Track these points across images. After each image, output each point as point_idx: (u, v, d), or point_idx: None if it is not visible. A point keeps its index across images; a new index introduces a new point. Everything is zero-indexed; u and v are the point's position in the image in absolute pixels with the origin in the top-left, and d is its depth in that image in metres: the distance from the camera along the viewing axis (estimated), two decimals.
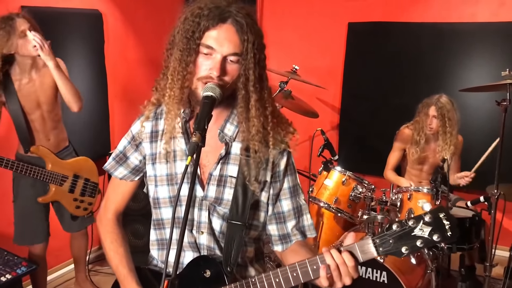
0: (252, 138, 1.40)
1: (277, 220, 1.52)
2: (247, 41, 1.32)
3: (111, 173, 1.59)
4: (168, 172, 1.48)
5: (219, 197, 1.46)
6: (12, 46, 2.64)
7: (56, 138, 2.99)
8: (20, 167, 2.73)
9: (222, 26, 1.32)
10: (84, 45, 3.73)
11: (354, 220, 3.23)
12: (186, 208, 1.20)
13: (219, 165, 1.46)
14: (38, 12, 3.23)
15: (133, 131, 1.54)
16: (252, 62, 1.34)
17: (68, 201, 3.02)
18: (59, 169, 2.94)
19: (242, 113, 1.40)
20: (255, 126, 1.39)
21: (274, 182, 1.49)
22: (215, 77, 1.32)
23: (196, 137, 1.22)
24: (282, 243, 1.53)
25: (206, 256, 1.48)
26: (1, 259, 2.64)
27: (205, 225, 1.47)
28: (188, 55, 1.35)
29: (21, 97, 2.78)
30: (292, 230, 1.51)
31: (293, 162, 1.53)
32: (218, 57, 1.32)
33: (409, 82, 4.31)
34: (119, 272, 1.51)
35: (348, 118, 4.66)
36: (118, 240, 1.58)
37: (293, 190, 1.52)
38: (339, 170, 3.26)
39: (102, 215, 1.64)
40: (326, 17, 4.60)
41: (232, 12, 1.33)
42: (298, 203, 1.53)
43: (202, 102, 1.30)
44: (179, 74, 1.37)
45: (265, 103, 1.41)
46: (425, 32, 4.22)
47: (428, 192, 3.05)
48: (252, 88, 1.36)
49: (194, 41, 1.33)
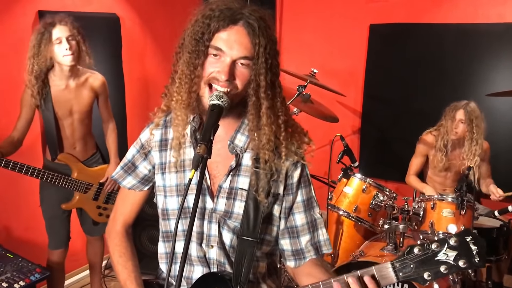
0: (262, 147, 1.33)
1: (290, 235, 1.44)
2: (258, 45, 1.25)
3: (119, 183, 1.55)
4: (178, 183, 1.42)
5: (229, 210, 1.39)
6: (48, 51, 2.64)
7: (83, 147, 2.98)
8: (45, 175, 2.73)
9: (232, 27, 1.26)
10: (101, 49, 3.70)
11: (375, 229, 3.12)
12: (191, 221, 1.13)
13: (229, 177, 1.39)
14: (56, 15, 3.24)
15: (142, 139, 1.49)
16: (264, 67, 1.26)
17: (91, 208, 3.02)
18: (84, 177, 2.94)
19: (253, 121, 1.33)
20: (266, 134, 1.32)
21: (287, 194, 1.41)
22: (223, 81, 1.25)
23: (201, 148, 1.15)
24: (295, 259, 1.45)
25: (215, 273, 1.41)
26: (15, 265, 2.62)
27: (215, 239, 1.40)
28: (197, 58, 1.28)
29: (56, 102, 2.78)
30: (306, 246, 1.43)
31: (307, 174, 1.45)
32: (227, 60, 1.26)
33: (432, 86, 4.18)
34: (127, 287, 1.46)
35: (370, 122, 4.55)
36: (127, 254, 1.53)
37: (307, 203, 1.44)
38: (359, 178, 3.15)
39: (111, 227, 1.59)
40: (347, 19, 4.49)
41: (244, 14, 1.26)
42: (312, 217, 1.45)
43: (208, 111, 1.24)
44: (187, 78, 1.31)
45: (277, 111, 1.33)
46: (449, 33, 4.08)
47: (453, 201, 2.91)
48: (263, 94, 1.29)
49: (203, 43, 1.27)
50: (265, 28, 1.27)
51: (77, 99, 2.86)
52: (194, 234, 1.41)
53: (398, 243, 2.83)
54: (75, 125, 2.90)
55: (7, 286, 2.43)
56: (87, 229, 3.18)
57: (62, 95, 2.80)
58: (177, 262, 1.48)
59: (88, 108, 2.94)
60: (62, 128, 2.87)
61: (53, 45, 2.64)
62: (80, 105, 2.88)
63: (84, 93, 2.88)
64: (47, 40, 2.62)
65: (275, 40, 1.32)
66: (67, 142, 2.90)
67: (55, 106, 2.79)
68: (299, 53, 4.39)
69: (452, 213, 2.89)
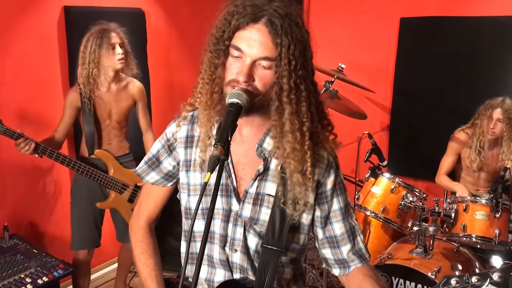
0: (287, 156, 1.24)
1: (330, 245, 1.38)
2: (281, 45, 1.15)
3: (142, 178, 1.50)
4: (202, 182, 1.36)
5: (255, 217, 1.32)
6: (100, 55, 2.74)
7: (117, 144, 3.03)
8: (82, 167, 2.75)
9: (253, 26, 1.17)
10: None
11: (403, 230, 3.01)
12: (207, 224, 1.06)
13: (256, 182, 1.32)
14: (81, 12, 3.24)
15: (168, 133, 1.43)
16: (287, 70, 1.16)
17: (126, 210, 3.00)
18: (120, 177, 2.95)
19: (276, 128, 1.24)
20: (290, 142, 1.23)
21: (321, 203, 1.34)
22: (241, 82, 1.18)
23: (217, 150, 1.08)
24: (340, 267, 1.39)
25: (238, 281, 1.35)
26: (39, 260, 2.63)
27: (239, 243, 1.34)
28: (217, 57, 1.22)
29: (97, 104, 2.86)
30: (348, 255, 1.37)
31: (342, 180, 1.37)
32: (248, 61, 1.17)
33: (466, 82, 4.01)
34: (147, 285, 1.43)
35: (399, 119, 4.41)
36: (149, 251, 1.49)
37: (344, 211, 1.37)
38: (387, 177, 3.05)
39: (134, 222, 1.56)
40: (377, 12, 4.35)
41: (267, 11, 1.17)
42: (350, 224, 1.38)
43: (226, 109, 1.17)
44: (208, 78, 1.25)
45: (303, 117, 1.23)
46: (485, 27, 3.89)
47: (487, 204, 2.78)
48: (286, 99, 1.19)
49: (223, 42, 1.20)
50: (290, 26, 1.17)
51: (116, 102, 2.93)
52: (217, 237, 1.36)
53: (428, 246, 2.73)
54: (113, 126, 2.97)
55: (31, 282, 2.44)
56: (121, 235, 3.15)
57: (102, 97, 2.87)
58: (194, 263, 1.44)
59: (125, 112, 3.01)
60: (100, 129, 2.93)
61: (108, 50, 2.75)
62: (118, 109, 2.96)
63: (123, 98, 2.96)
64: (105, 46, 2.74)
65: (304, 39, 1.21)
66: (101, 140, 2.96)
67: (96, 108, 2.86)
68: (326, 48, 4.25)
69: (486, 216, 2.76)
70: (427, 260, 2.65)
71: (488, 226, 2.75)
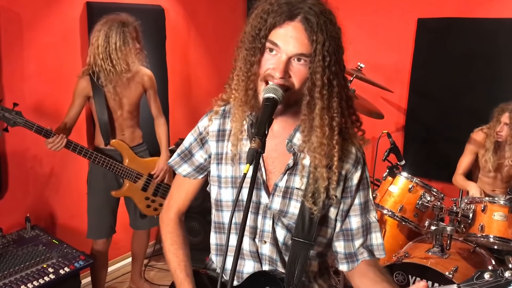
0: (313, 150, 1.27)
1: (344, 237, 1.40)
2: (316, 42, 1.18)
3: (175, 170, 1.55)
4: (233, 175, 1.40)
5: (284, 210, 1.35)
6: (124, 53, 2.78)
7: (130, 134, 3.07)
8: (98, 158, 2.81)
9: (290, 23, 1.20)
10: (146, 40, 3.71)
11: (420, 230, 3.02)
12: (244, 217, 1.10)
13: (285, 176, 1.35)
14: (103, 7, 3.28)
15: (200, 127, 1.47)
16: (320, 66, 1.20)
17: (140, 198, 3.07)
18: (135, 166, 3.01)
19: (306, 122, 1.27)
20: (317, 137, 1.26)
21: (345, 197, 1.37)
22: (277, 78, 1.21)
23: (255, 143, 1.11)
24: (348, 262, 1.41)
25: (267, 272, 1.38)
26: (60, 251, 2.68)
27: (268, 235, 1.38)
28: (253, 55, 1.25)
29: (107, 94, 2.87)
30: (359, 249, 1.40)
31: (367, 176, 1.40)
32: (283, 57, 1.20)
33: (483, 84, 3.99)
34: (176, 275, 1.46)
35: (415, 119, 4.40)
36: (178, 242, 1.52)
37: (364, 206, 1.39)
38: (405, 176, 3.06)
39: (164, 213, 1.59)
40: (394, 12, 4.35)
41: (303, 9, 1.20)
42: (367, 220, 1.40)
43: (262, 104, 1.20)
44: (244, 75, 1.28)
45: (333, 113, 1.25)
46: (503, 29, 3.87)
47: (506, 204, 2.78)
48: (318, 94, 1.22)
49: (259, 40, 1.23)
50: (325, 24, 1.20)
51: (127, 93, 2.95)
52: (247, 228, 1.39)
53: (445, 246, 2.74)
54: (125, 116, 2.99)
55: (53, 272, 2.49)
56: (133, 223, 3.23)
57: (115, 89, 2.88)
58: (222, 254, 1.48)
59: (136, 101, 3.03)
60: (112, 120, 2.96)
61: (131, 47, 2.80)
62: (130, 98, 2.98)
63: (133, 87, 2.97)
64: (128, 42, 2.79)
65: (338, 36, 1.25)
66: (115, 130, 2.99)
67: (107, 98, 2.88)
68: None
69: (504, 217, 2.76)
70: (444, 260, 2.66)
71: (507, 227, 2.75)
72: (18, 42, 2.89)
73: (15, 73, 2.89)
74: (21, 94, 2.92)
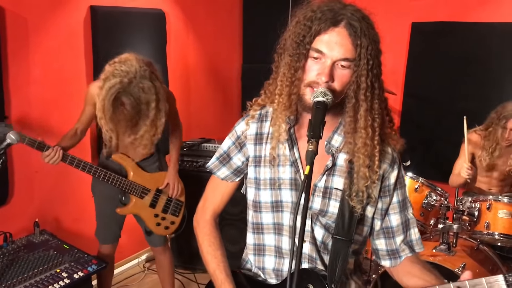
0: (357, 151, 1.32)
1: (385, 235, 1.45)
2: (360, 46, 1.24)
3: (213, 173, 1.57)
4: (272, 177, 1.43)
5: (324, 209, 1.40)
6: None
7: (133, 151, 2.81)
8: (98, 172, 2.64)
9: (334, 29, 1.25)
10: (147, 44, 3.73)
11: (426, 228, 3.10)
12: (302, 219, 1.15)
13: (324, 177, 1.40)
14: (107, 11, 3.28)
15: (238, 131, 1.50)
16: (365, 69, 1.25)
17: (148, 216, 2.88)
18: (141, 181, 2.80)
19: (350, 124, 1.32)
20: (362, 138, 1.31)
21: (383, 196, 1.42)
22: (322, 83, 1.26)
23: (312, 145, 1.16)
24: (390, 258, 1.47)
25: (308, 270, 1.42)
26: (72, 256, 2.66)
27: (307, 234, 1.42)
28: (297, 61, 1.29)
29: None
30: (400, 246, 1.45)
31: (403, 175, 1.45)
32: (328, 62, 1.25)
33: (476, 87, 4.11)
34: (216, 276, 1.48)
35: (409, 122, 4.50)
36: (216, 243, 1.55)
37: (402, 204, 1.45)
38: (410, 176, 3.14)
39: (200, 216, 1.61)
40: (389, 16, 4.42)
41: (346, 15, 1.25)
42: (406, 217, 1.46)
43: (313, 108, 1.24)
44: (288, 81, 1.32)
45: (375, 114, 1.31)
46: (495, 33, 4.01)
47: (510, 202, 2.88)
48: (363, 96, 1.28)
49: (304, 46, 1.28)
50: (367, 29, 1.26)
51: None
52: (286, 228, 1.43)
53: (451, 243, 2.81)
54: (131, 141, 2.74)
55: (67, 276, 2.47)
56: (148, 239, 3.01)
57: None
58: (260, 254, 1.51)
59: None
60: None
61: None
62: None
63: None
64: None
65: (378, 40, 1.30)
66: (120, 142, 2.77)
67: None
68: None
69: (509, 214, 2.85)
70: (451, 257, 2.73)
71: (511, 224, 2.84)
72: (25, 46, 2.87)
73: (21, 77, 2.87)
74: (26, 98, 2.90)
